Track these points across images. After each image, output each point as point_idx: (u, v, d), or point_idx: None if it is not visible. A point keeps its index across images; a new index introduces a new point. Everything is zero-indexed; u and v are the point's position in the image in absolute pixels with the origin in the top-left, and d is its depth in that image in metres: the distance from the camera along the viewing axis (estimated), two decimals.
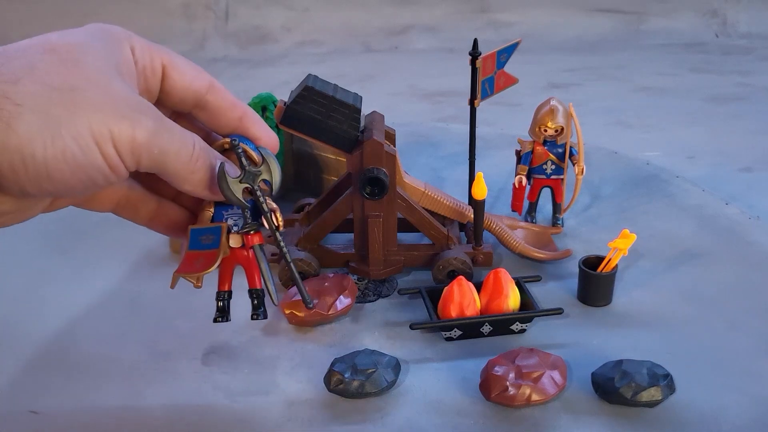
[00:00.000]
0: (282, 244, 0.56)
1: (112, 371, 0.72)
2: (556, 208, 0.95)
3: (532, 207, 0.96)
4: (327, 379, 0.66)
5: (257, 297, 0.58)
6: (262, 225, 0.55)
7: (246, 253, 0.56)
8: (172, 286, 0.56)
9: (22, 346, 0.76)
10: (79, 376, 0.71)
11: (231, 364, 0.72)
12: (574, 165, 0.90)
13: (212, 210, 0.57)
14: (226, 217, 0.59)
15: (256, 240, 0.57)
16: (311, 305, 0.60)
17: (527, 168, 0.92)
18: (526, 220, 0.96)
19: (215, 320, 0.58)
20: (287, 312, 0.76)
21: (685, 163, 1.14)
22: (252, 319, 0.58)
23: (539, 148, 0.91)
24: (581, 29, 1.97)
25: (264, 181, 0.54)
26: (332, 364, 0.67)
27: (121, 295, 0.84)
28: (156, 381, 0.70)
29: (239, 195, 0.52)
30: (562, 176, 0.92)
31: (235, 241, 0.57)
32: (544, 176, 0.93)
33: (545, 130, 0.89)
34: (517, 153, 0.93)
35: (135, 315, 0.80)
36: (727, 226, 0.96)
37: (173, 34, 1.99)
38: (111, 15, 1.98)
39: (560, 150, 0.90)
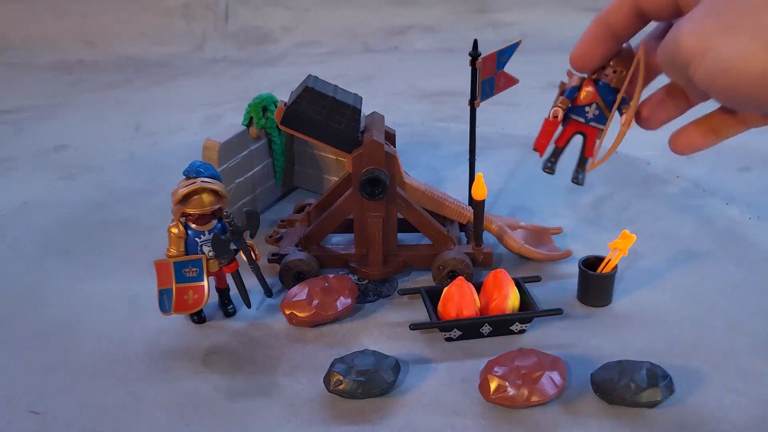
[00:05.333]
0: (259, 269, 0.79)
1: (113, 371, 0.72)
2: (581, 162, 0.74)
3: (556, 153, 0.74)
4: (327, 380, 0.66)
5: (225, 296, 0.80)
6: (234, 257, 0.76)
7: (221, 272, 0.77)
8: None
9: (23, 346, 0.76)
10: (79, 377, 0.71)
11: (231, 364, 0.72)
12: (622, 115, 0.73)
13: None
14: (200, 244, 0.75)
15: (232, 268, 0.77)
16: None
17: (568, 102, 0.70)
18: (546, 167, 0.74)
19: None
20: (287, 313, 0.76)
21: (685, 163, 1.14)
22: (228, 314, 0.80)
23: (590, 87, 0.69)
24: (581, 29, 1.96)
25: (247, 231, 0.76)
26: (332, 365, 0.67)
27: (121, 296, 0.84)
28: (157, 381, 0.70)
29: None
30: (603, 127, 0.72)
31: (213, 266, 0.75)
32: (582, 120, 0.71)
33: (603, 67, 0.71)
34: (562, 86, 0.74)
35: (135, 315, 0.80)
36: (727, 226, 0.96)
37: (173, 34, 1.99)
38: (111, 15, 1.98)
39: (611, 97, 0.72)
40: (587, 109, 0.71)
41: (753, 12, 0.36)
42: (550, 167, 0.76)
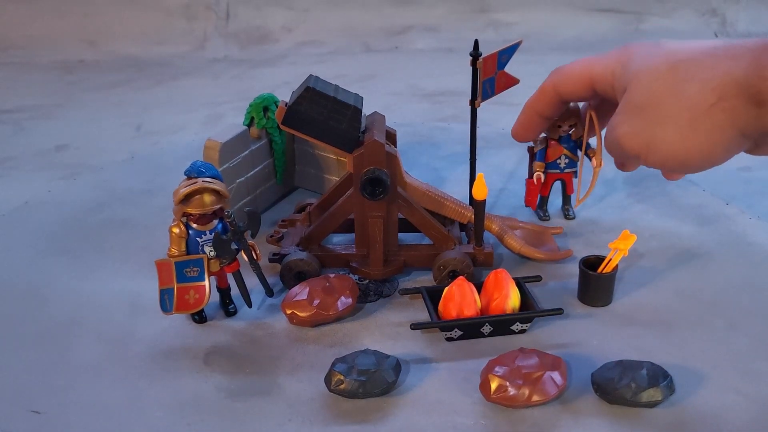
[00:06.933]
0: (260, 269, 0.80)
1: (113, 371, 0.72)
2: (566, 200, 0.97)
3: (544, 201, 0.98)
4: (328, 380, 0.67)
5: (226, 295, 0.80)
6: (236, 257, 0.77)
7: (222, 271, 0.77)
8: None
9: (24, 345, 0.76)
10: (80, 376, 0.71)
11: (232, 364, 0.72)
12: (591, 158, 0.87)
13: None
14: (201, 243, 0.75)
15: (233, 268, 0.77)
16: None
17: (544, 164, 0.93)
18: (539, 214, 0.97)
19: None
20: (288, 312, 0.76)
21: None
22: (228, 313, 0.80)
23: (554, 145, 0.92)
24: (581, 29, 1.97)
25: (248, 231, 0.76)
26: (333, 365, 0.67)
27: (122, 295, 0.84)
28: (157, 381, 0.70)
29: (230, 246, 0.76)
30: (575, 169, 0.93)
31: (214, 266, 0.75)
32: (558, 171, 0.94)
33: (559, 127, 0.90)
34: (531, 150, 0.94)
35: (136, 315, 0.80)
36: (727, 226, 0.96)
37: (174, 34, 1.99)
38: (111, 15, 1.98)
39: (573, 144, 0.92)
40: (558, 161, 0.93)
41: (661, 103, 0.44)
42: (544, 216, 0.97)
